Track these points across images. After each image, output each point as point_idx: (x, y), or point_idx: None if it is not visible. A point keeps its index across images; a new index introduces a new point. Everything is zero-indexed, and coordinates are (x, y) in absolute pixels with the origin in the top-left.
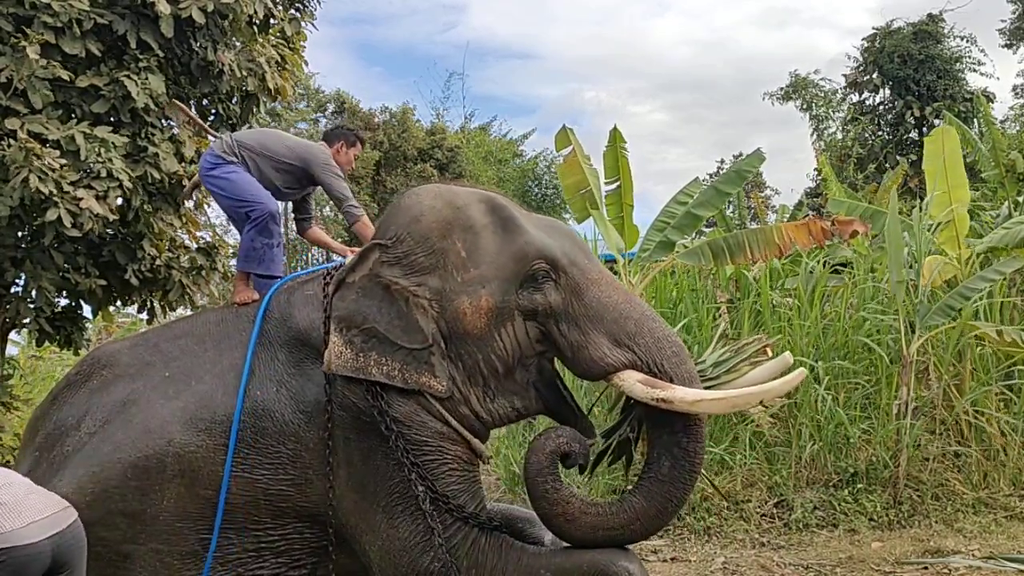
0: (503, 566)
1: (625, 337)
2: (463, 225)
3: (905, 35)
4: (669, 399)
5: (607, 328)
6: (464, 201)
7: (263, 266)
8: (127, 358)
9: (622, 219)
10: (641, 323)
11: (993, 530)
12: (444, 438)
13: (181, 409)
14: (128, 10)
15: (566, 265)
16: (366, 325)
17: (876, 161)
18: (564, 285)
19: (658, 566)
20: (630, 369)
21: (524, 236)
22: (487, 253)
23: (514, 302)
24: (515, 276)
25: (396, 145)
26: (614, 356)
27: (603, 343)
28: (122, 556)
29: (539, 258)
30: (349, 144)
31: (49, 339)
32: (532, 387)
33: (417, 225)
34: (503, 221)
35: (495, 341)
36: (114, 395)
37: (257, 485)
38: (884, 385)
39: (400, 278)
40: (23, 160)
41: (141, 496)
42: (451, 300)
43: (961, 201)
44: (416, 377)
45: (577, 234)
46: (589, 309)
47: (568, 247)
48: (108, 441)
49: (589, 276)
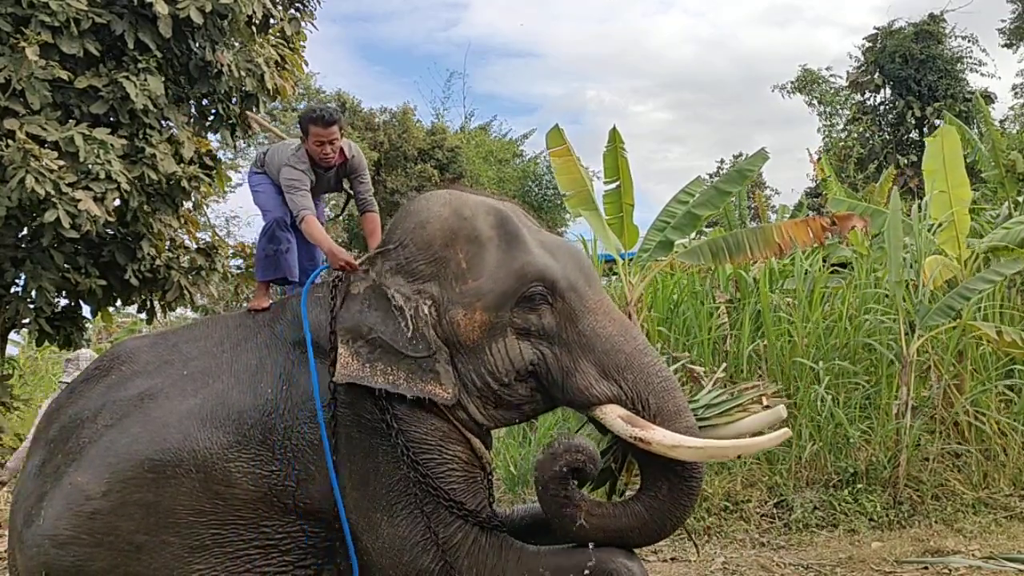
0: (503, 565)
1: (613, 370)
2: (468, 236)
3: (906, 35)
4: (647, 440)
5: (597, 359)
6: (472, 212)
7: (277, 272)
8: (147, 355)
9: (622, 219)
10: (632, 357)
11: (993, 530)
12: (445, 437)
13: (198, 406)
14: (126, 10)
15: (564, 289)
16: (371, 336)
17: (876, 161)
18: (560, 310)
19: (658, 566)
20: (614, 403)
21: (527, 255)
22: (487, 267)
23: (508, 319)
24: (512, 293)
25: (396, 145)
26: (599, 388)
27: (591, 373)
28: (134, 547)
29: (538, 279)
30: (305, 135)
31: (49, 339)
32: (535, 395)
33: (422, 231)
34: (508, 236)
35: (487, 355)
36: (132, 390)
37: (266, 481)
38: (884, 385)
39: (402, 286)
40: (21, 161)
41: (156, 488)
42: (447, 309)
43: (962, 201)
44: (422, 386)
45: (584, 256)
46: (582, 337)
47: (570, 271)
48: (125, 434)
49: (587, 303)
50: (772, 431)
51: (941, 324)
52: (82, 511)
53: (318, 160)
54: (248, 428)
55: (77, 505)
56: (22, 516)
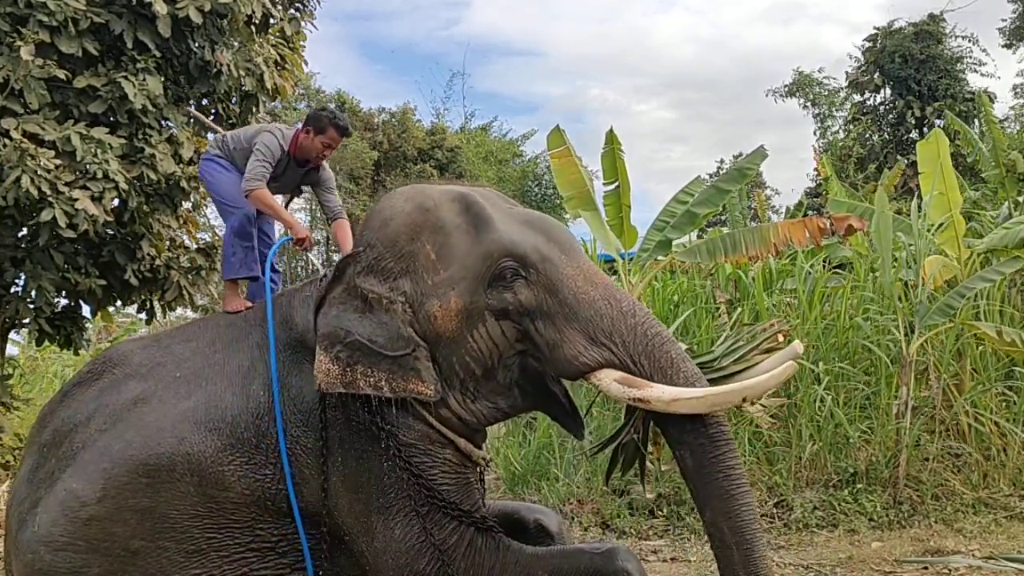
0: (500, 566)
1: (601, 334)
2: (433, 227)
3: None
4: (645, 398)
5: (582, 325)
6: (435, 202)
7: (248, 270)
8: (139, 358)
9: (621, 219)
10: (619, 319)
11: (993, 530)
12: (430, 441)
13: (192, 409)
14: (125, 9)
15: (536, 261)
16: (349, 339)
17: (876, 161)
18: (536, 282)
19: (658, 566)
20: (607, 368)
21: (493, 234)
22: (457, 254)
23: (483, 302)
24: (482, 275)
25: (396, 145)
26: (589, 355)
27: (578, 341)
28: (130, 552)
29: (505, 255)
30: (317, 131)
31: (49, 339)
32: (515, 386)
33: (386, 229)
34: (475, 219)
35: (469, 343)
36: (125, 394)
37: (260, 485)
38: (884, 385)
39: (376, 286)
40: (17, 160)
41: (152, 493)
42: (422, 303)
43: (955, 204)
44: (404, 384)
45: (562, 227)
46: (564, 306)
47: (542, 243)
48: (119, 438)
49: (564, 272)
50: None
51: (940, 324)
52: (77, 517)
53: (311, 155)
54: (241, 431)
55: (72, 511)
56: (16, 520)
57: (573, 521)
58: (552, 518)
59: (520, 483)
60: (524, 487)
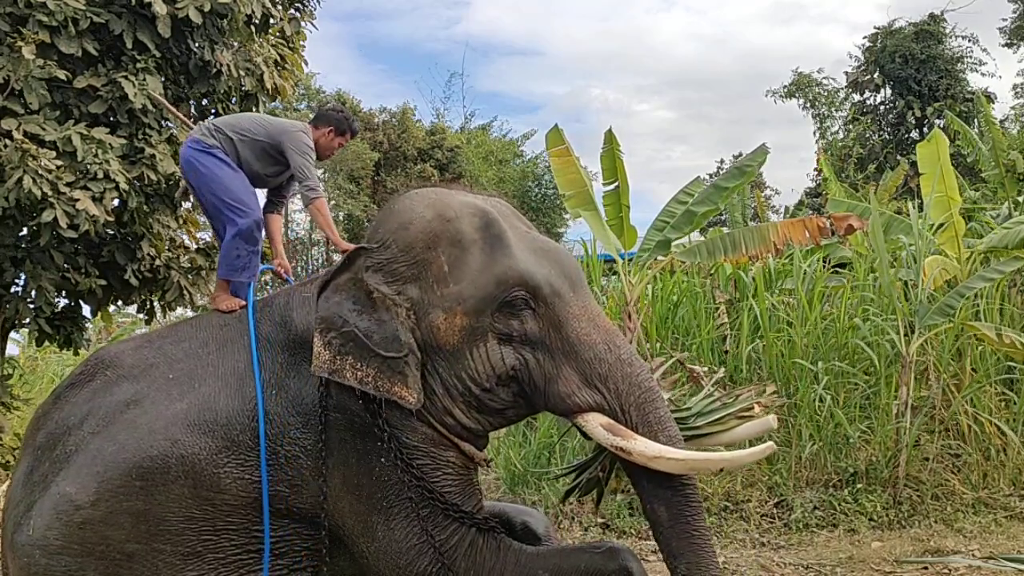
0: (501, 567)
1: (596, 378)
2: (450, 238)
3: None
4: (628, 450)
5: (579, 366)
6: (456, 213)
7: (247, 275)
8: (131, 359)
9: (621, 220)
10: (615, 366)
11: (993, 530)
12: (434, 443)
13: (185, 411)
14: (125, 9)
15: (548, 295)
16: (345, 328)
17: (876, 161)
18: (543, 315)
19: (658, 566)
20: (596, 412)
21: (509, 259)
22: (469, 270)
23: (489, 324)
24: (493, 298)
25: (396, 145)
26: (581, 396)
27: (573, 380)
28: (126, 555)
29: (519, 285)
30: (339, 132)
31: (49, 339)
32: (520, 397)
33: (404, 233)
34: (492, 239)
35: (468, 360)
36: (117, 396)
37: (257, 487)
38: (883, 385)
39: (381, 285)
40: (18, 161)
41: (146, 496)
42: (427, 312)
43: (955, 203)
44: (389, 386)
45: (571, 261)
46: (565, 344)
47: (555, 277)
48: (112, 441)
49: (571, 310)
50: (760, 443)
51: (940, 324)
52: (72, 521)
53: (324, 154)
54: (236, 434)
55: (67, 515)
56: (12, 524)
57: (573, 521)
58: (539, 520)
59: (520, 483)
60: (524, 487)
